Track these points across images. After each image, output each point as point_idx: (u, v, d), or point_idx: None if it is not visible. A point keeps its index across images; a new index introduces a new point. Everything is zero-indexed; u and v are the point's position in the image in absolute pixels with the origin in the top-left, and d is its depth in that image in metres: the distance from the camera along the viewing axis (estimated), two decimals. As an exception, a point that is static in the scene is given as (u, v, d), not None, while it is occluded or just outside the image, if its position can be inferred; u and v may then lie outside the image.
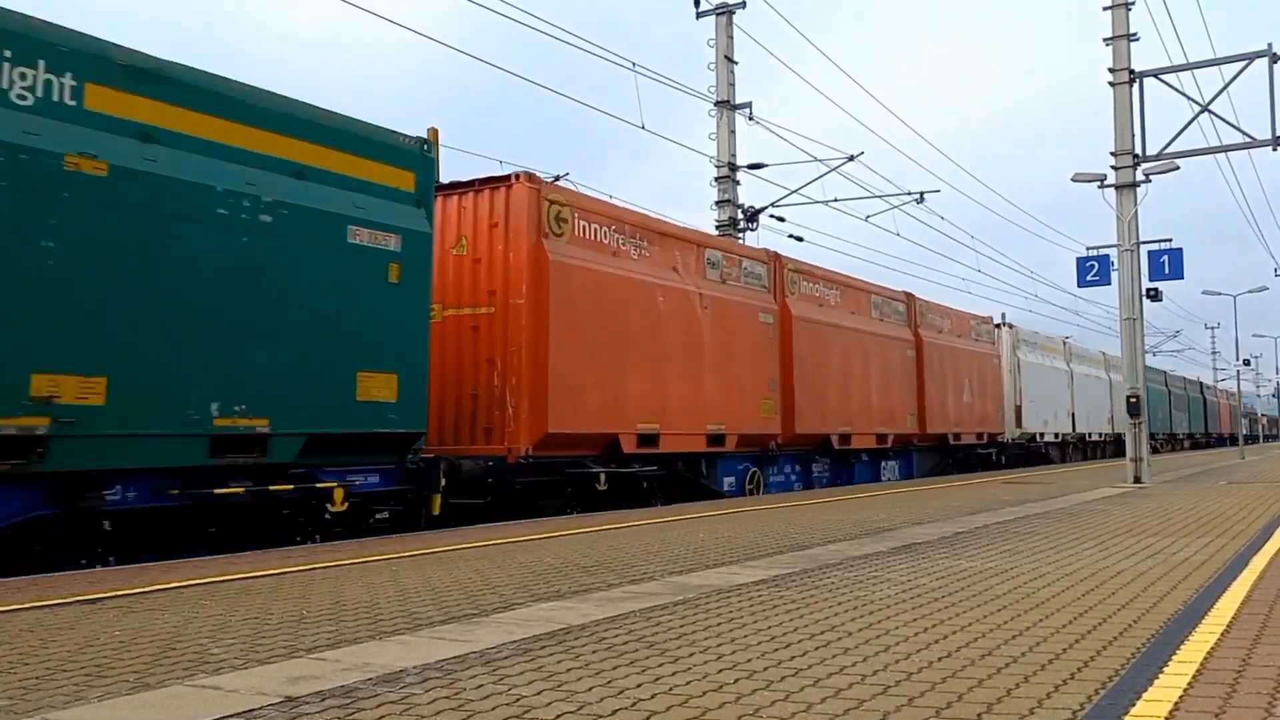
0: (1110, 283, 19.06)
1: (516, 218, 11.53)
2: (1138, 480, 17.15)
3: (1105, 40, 17.81)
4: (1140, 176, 17.82)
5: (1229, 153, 18.30)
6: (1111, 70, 17.74)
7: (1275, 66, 16.70)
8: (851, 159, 22.44)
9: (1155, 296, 18.56)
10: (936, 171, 71.85)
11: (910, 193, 23.90)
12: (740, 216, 21.78)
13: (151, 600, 5.31)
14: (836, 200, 23.41)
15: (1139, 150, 17.74)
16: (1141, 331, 18.14)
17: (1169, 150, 17.64)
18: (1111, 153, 17.89)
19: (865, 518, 10.10)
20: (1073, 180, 18.61)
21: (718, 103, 21.37)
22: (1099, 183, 18.21)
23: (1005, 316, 29.85)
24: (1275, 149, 16.85)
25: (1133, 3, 17.68)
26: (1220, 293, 41.54)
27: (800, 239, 23.32)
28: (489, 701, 3.19)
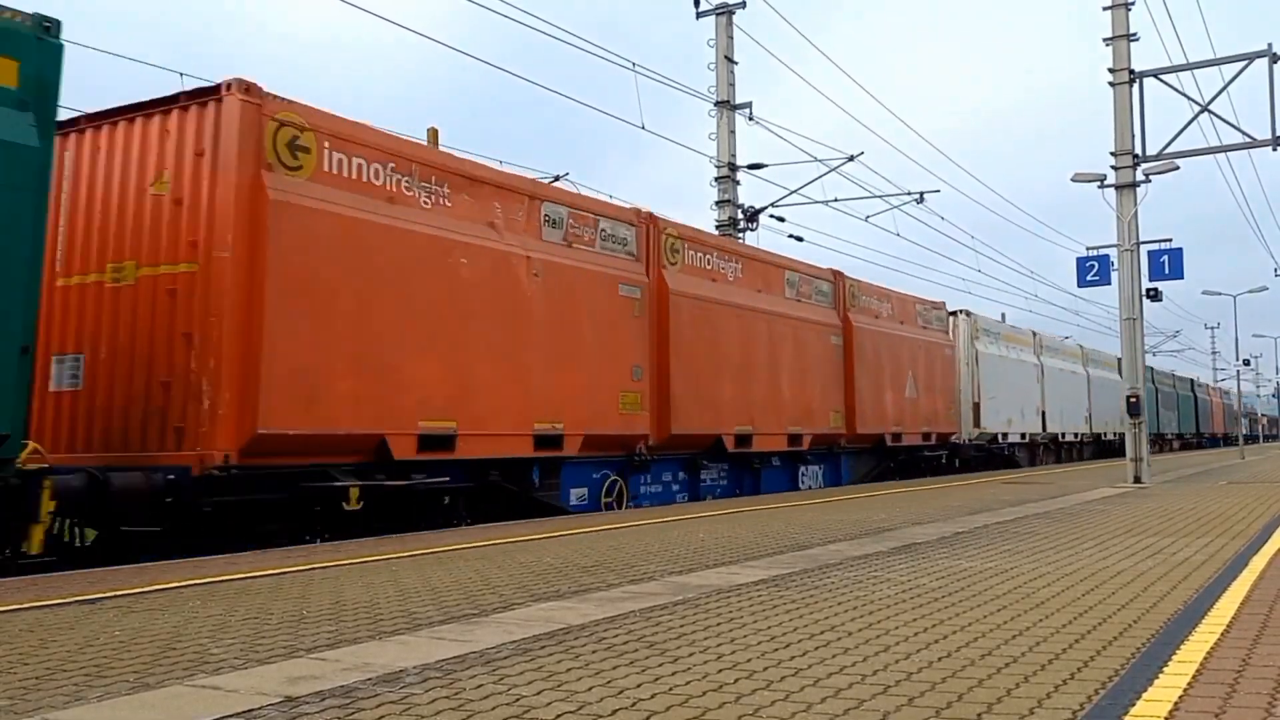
0: (1110, 283, 19.09)
1: (227, 143, 8.74)
2: (1138, 480, 17.15)
3: (1105, 40, 17.81)
4: (1140, 176, 17.83)
5: (1229, 153, 18.32)
6: (1111, 70, 17.74)
7: (1275, 66, 16.70)
8: (851, 159, 22.46)
9: (1155, 296, 18.57)
10: (936, 171, 71.87)
11: (910, 193, 23.93)
12: (740, 216, 21.78)
13: (151, 600, 5.31)
14: (836, 200, 23.43)
15: (1139, 150, 17.74)
16: (1141, 331, 18.14)
17: (1169, 150, 17.65)
18: (1111, 153, 17.89)
19: (865, 518, 10.10)
20: (1073, 180, 18.61)
21: (718, 103, 21.38)
22: (1099, 183, 18.21)
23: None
24: (1275, 149, 16.85)
25: (1133, 3, 17.69)
26: (1220, 293, 41.59)
27: (800, 239, 23.35)
28: (489, 701, 3.19)
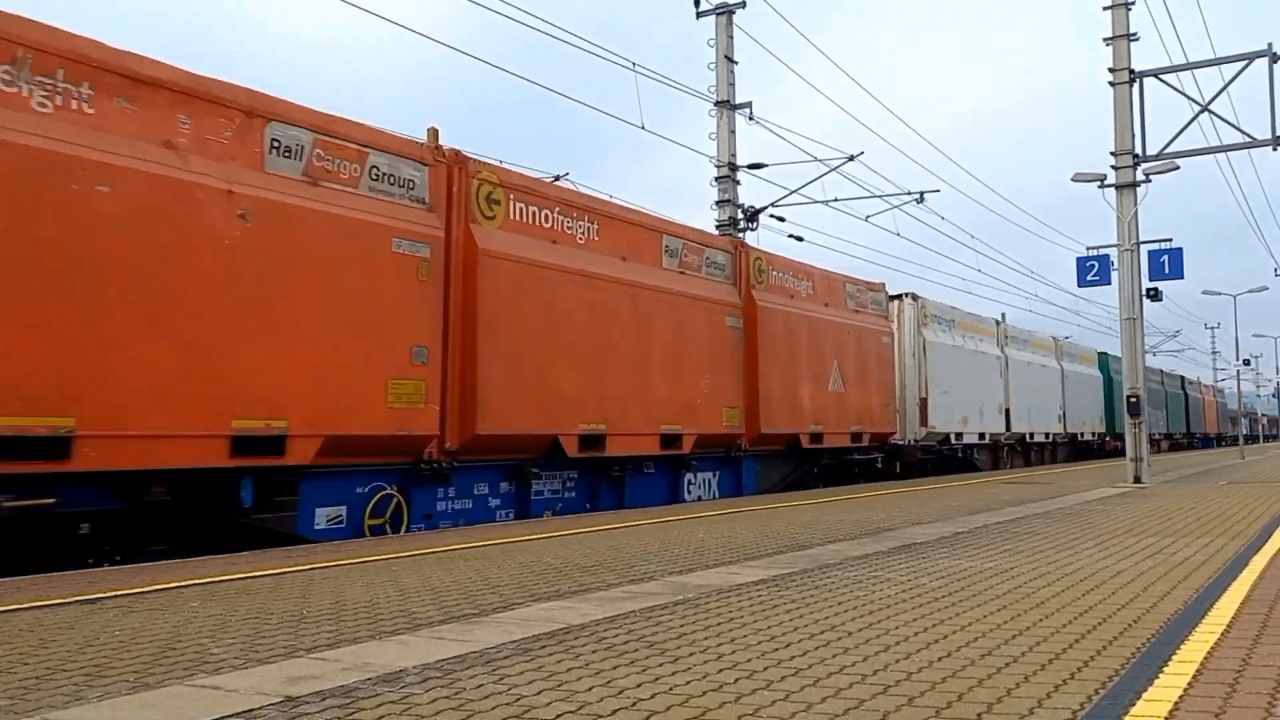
0: (1110, 283, 19.09)
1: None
2: (1138, 480, 17.16)
3: (1105, 40, 17.81)
4: (1140, 176, 17.83)
5: (1229, 153, 18.31)
6: (1111, 70, 17.74)
7: (1275, 66, 16.70)
8: (851, 159, 22.43)
9: (1155, 296, 18.56)
10: (936, 171, 71.87)
11: (910, 192, 23.88)
12: (740, 216, 21.78)
13: (151, 600, 5.31)
14: (836, 200, 23.39)
15: (1139, 150, 17.74)
16: (1141, 331, 18.14)
17: (1169, 150, 17.65)
18: (1111, 153, 17.89)
19: (865, 517, 10.10)
20: (1073, 180, 18.61)
21: (718, 103, 21.37)
22: (1099, 183, 18.22)
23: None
24: (1275, 149, 16.85)
25: (1133, 3, 17.69)
26: (1220, 293, 41.59)
27: (800, 239, 23.32)
28: (489, 701, 3.19)
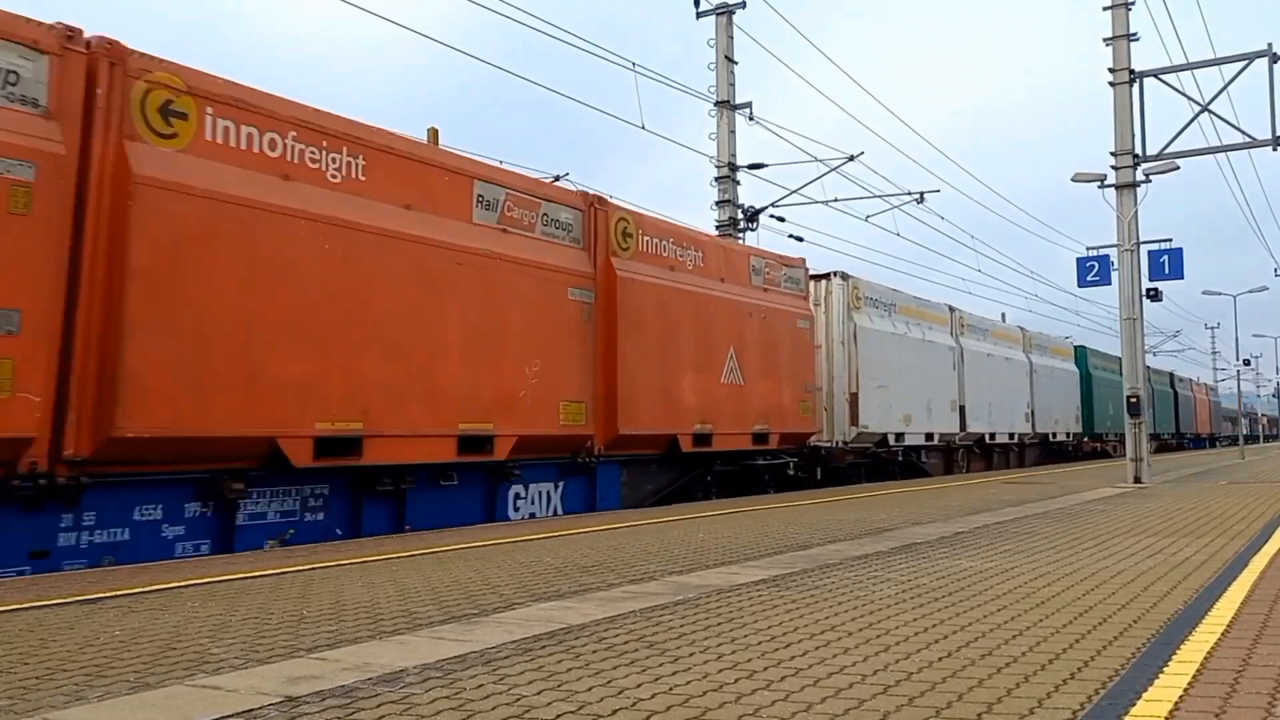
0: (1110, 283, 19.10)
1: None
2: (1138, 480, 17.16)
3: (1105, 40, 17.81)
4: (1140, 176, 17.83)
5: (1229, 153, 18.31)
6: (1111, 70, 17.74)
7: (1275, 66, 16.70)
8: (851, 159, 22.45)
9: (1155, 296, 18.57)
10: (936, 171, 71.92)
11: (910, 192, 23.89)
12: (740, 216, 21.78)
13: (151, 600, 5.31)
14: (836, 200, 23.40)
15: (1139, 150, 17.74)
16: (1142, 331, 18.14)
17: (1169, 150, 17.65)
18: (1111, 153, 17.89)
19: (865, 518, 10.10)
20: (1073, 180, 18.61)
21: (718, 103, 21.37)
22: (1099, 183, 18.22)
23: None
24: (1275, 149, 16.85)
25: (1133, 3, 17.69)
26: (1220, 293, 41.63)
27: (800, 239, 23.32)
28: (489, 701, 3.18)
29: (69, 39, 7.56)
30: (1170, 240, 18.58)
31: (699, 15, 21.53)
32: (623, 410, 12.33)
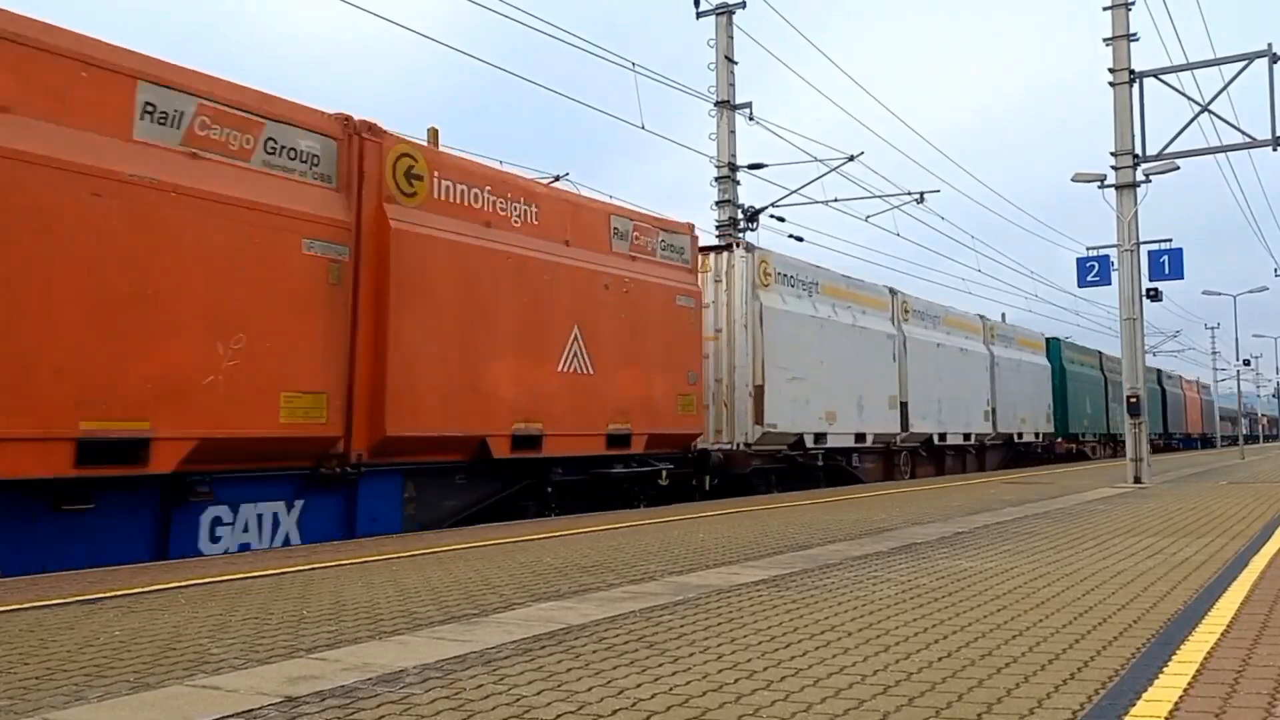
0: (1110, 283, 19.10)
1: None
2: (1138, 480, 17.17)
3: (1105, 40, 17.81)
4: (1140, 176, 17.83)
5: (1229, 153, 18.32)
6: (1111, 70, 17.74)
7: (1275, 66, 16.70)
8: (851, 159, 22.45)
9: (1155, 296, 18.57)
10: (936, 171, 71.93)
11: (910, 193, 23.90)
12: (740, 216, 21.78)
13: (151, 600, 5.31)
14: (836, 200, 23.39)
15: (1139, 150, 17.74)
16: (1142, 331, 18.15)
17: (1169, 150, 17.65)
18: (1111, 153, 17.89)
19: (865, 518, 10.10)
20: (1073, 180, 18.62)
21: (718, 103, 21.37)
22: (1099, 183, 18.22)
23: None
24: (1275, 149, 16.85)
25: (1133, 3, 17.69)
26: (1220, 293, 41.68)
27: (800, 239, 23.32)
28: (489, 701, 3.19)
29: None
30: (1170, 240, 18.62)
31: (699, 15, 21.54)
32: (394, 405, 9.48)
